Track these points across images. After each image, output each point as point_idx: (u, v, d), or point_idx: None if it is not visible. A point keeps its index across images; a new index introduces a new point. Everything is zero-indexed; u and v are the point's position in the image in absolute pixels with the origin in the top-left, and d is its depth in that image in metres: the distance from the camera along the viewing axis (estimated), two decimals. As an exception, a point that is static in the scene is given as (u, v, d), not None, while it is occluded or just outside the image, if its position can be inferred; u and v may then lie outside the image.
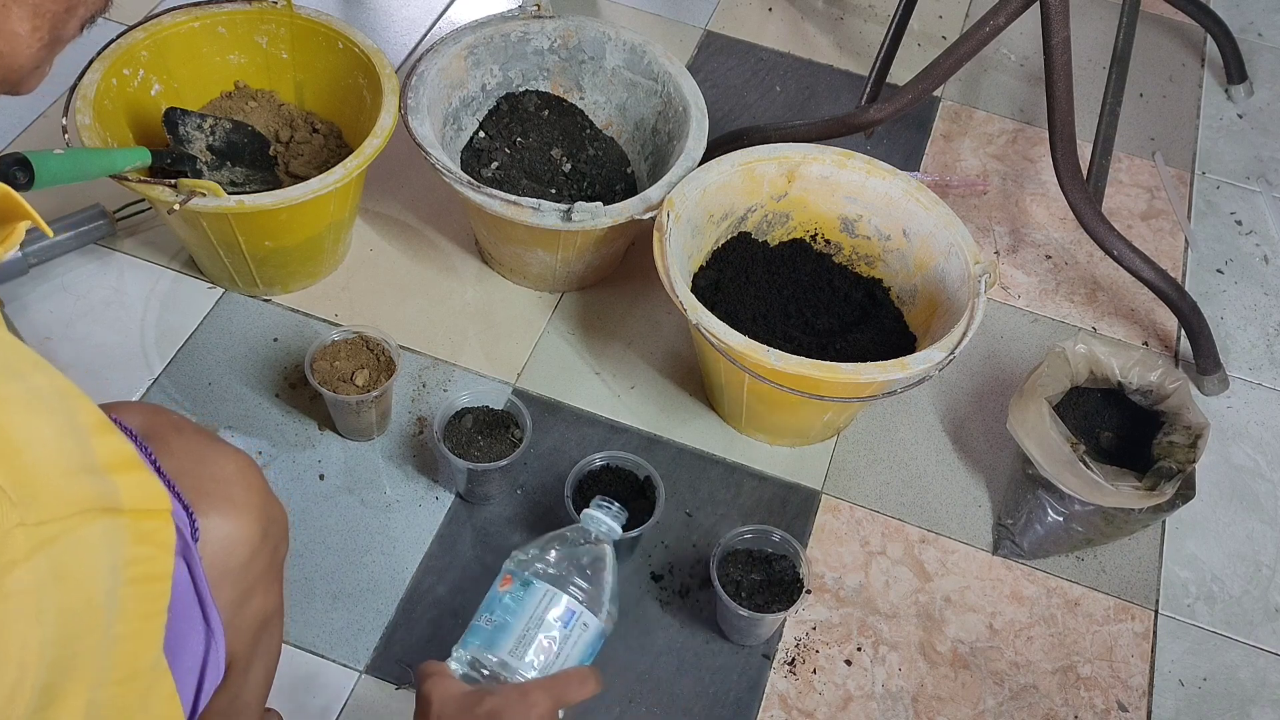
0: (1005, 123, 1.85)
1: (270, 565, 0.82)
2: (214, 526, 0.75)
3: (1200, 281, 1.67)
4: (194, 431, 0.81)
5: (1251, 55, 2.01)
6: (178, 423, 0.81)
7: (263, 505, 0.80)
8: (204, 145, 1.39)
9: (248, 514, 0.78)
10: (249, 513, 0.78)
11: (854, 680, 1.23)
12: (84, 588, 0.47)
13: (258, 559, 0.79)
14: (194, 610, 0.71)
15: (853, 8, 2.02)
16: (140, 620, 0.52)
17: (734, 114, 1.79)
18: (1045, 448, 1.25)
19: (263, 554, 0.80)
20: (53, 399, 0.50)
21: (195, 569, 0.72)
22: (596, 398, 1.42)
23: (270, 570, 0.83)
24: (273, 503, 0.82)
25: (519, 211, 1.31)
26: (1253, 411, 1.52)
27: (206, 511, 0.75)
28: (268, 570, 0.82)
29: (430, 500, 1.31)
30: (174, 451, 0.77)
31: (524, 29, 1.52)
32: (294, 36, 1.47)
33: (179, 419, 0.82)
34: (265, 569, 0.81)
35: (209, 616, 0.72)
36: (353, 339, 1.32)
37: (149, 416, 0.80)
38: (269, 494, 0.82)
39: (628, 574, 1.27)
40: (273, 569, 0.84)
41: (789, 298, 1.41)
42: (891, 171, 1.40)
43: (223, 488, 0.77)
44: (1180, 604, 1.33)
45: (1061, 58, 1.36)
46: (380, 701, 1.17)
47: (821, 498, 1.37)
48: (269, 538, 0.81)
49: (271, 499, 0.82)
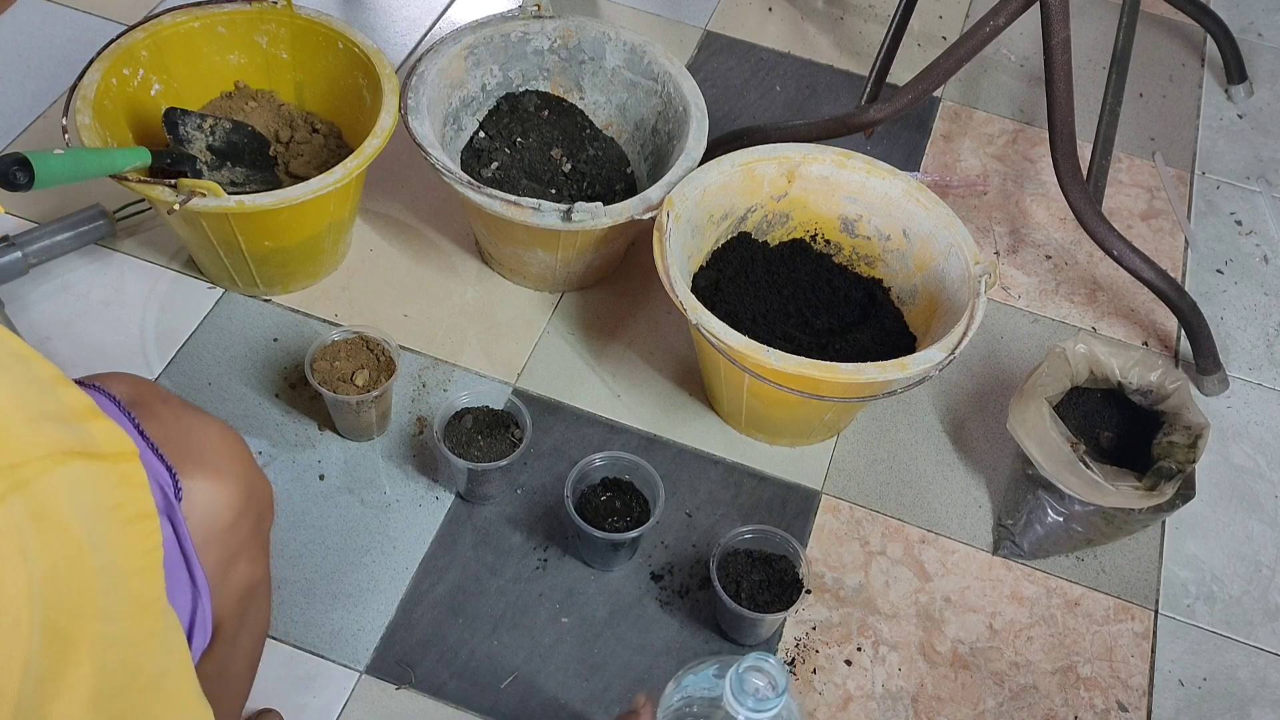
0: (1005, 123, 1.85)
1: (255, 533, 0.84)
2: (198, 489, 0.77)
3: (1200, 281, 1.67)
4: (179, 403, 0.82)
5: (1251, 55, 2.01)
6: (163, 394, 0.82)
7: (245, 473, 0.82)
8: (204, 145, 1.39)
9: (231, 479, 0.79)
10: (233, 478, 0.80)
11: (854, 680, 1.23)
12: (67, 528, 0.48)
13: (241, 524, 0.80)
14: (180, 569, 0.73)
15: (853, 8, 2.02)
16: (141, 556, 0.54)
17: (734, 114, 1.79)
18: (1045, 448, 1.26)
19: (247, 519, 0.81)
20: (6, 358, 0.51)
21: (180, 528, 0.73)
22: (596, 398, 1.42)
23: (255, 539, 0.84)
24: (255, 472, 0.84)
25: (519, 211, 1.31)
26: (1253, 411, 1.52)
27: (191, 474, 0.76)
28: (252, 538, 0.83)
29: (430, 500, 1.31)
30: (160, 418, 0.78)
31: (524, 29, 1.52)
32: (294, 36, 1.47)
33: (164, 391, 0.83)
34: (249, 535, 0.82)
35: (195, 575, 0.73)
36: (353, 339, 1.32)
37: (134, 386, 0.81)
38: (252, 463, 0.84)
39: (628, 574, 1.27)
40: (257, 538, 0.85)
41: (789, 298, 1.41)
42: (891, 171, 1.40)
43: (207, 454, 0.79)
44: (1180, 604, 1.33)
45: (1061, 58, 1.36)
46: (380, 701, 1.17)
47: (821, 498, 1.37)
48: (252, 504, 0.82)
49: (254, 468, 0.84)
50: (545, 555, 1.28)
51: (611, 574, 1.27)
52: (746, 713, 0.85)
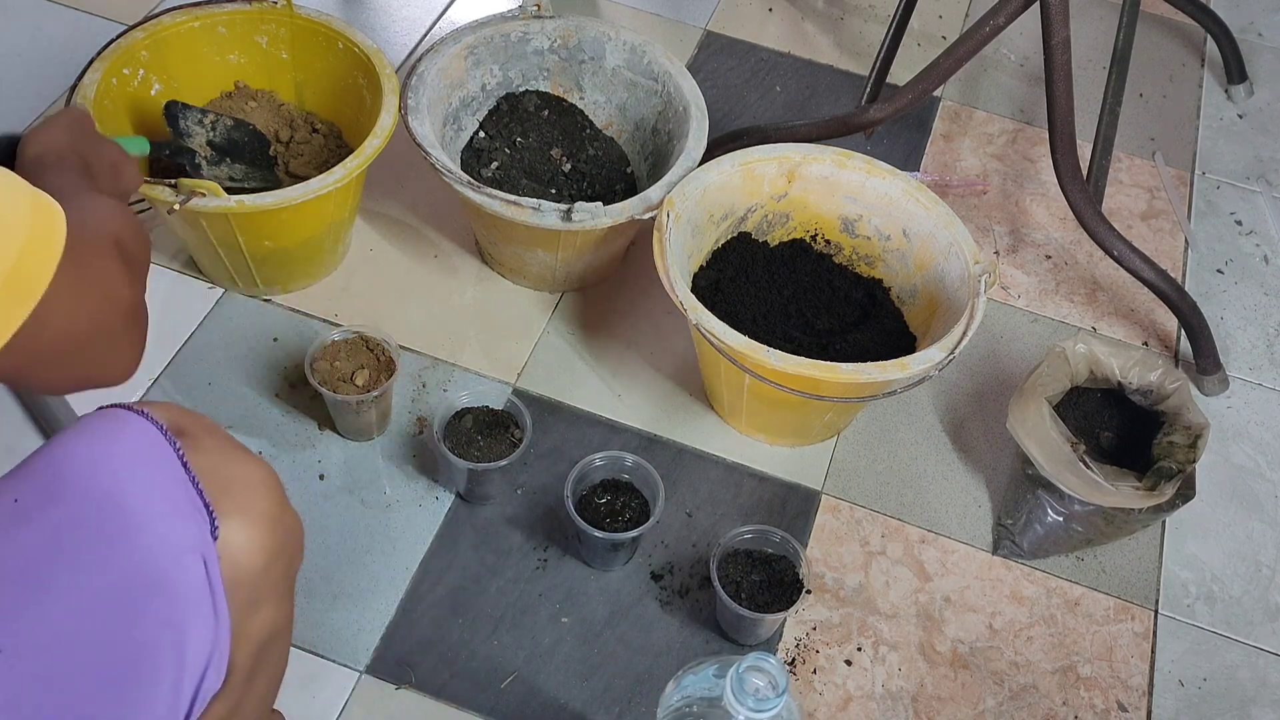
0: (1005, 123, 1.85)
1: (283, 578, 0.83)
2: (234, 530, 0.76)
3: (1200, 281, 1.67)
4: (223, 435, 0.82)
5: (1251, 55, 2.01)
6: (208, 425, 0.82)
7: (280, 516, 0.80)
8: (204, 140, 1.39)
9: (267, 523, 0.78)
10: (269, 522, 0.79)
11: (854, 680, 1.23)
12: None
13: (273, 567, 0.80)
14: (206, 606, 0.72)
15: (853, 8, 2.02)
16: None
17: (734, 114, 1.79)
18: (1045, 448, 1.26)
19: (278, 564, 0.80)
20: None
21: (211, 567, 0.72)
22: (596, 398, 1.42)
23: (283, 583, 0.83)
24: (290, 514, 0.83)
25: (519, 211, 1.31)
26: (1253, 411, 1.52)
27: (228, 514, 0.76)
28: (280, 582, 0.82)
29: (430, 500, 1.31)
30: (204, 449, 0.78)
31: (524, 29, 1.52)
32: (294, 36, 1.47)
33: (209, 421, 0.83)
34: (278, 581, 0.82)
35: (219, 614, 0.73)
36: (353, 339, 1.32)
37: (180, 415, 0.81)
38: (287, 505, 0.83)
39: (628, 574, 1.27)
40: (285, 582, 0.84)
41: (789, 298, 1.41)
42: (891, 171, 1.40)
43: (245, 491, 0.78)
44: (1180, 604, 1.33)
45: (1061, 58, 1.36)
46: (380, 701, 1.17)
47: (821, 498, 1.37)
48: (285, 549, 0.81)
49: (289, 510, 0.83)
50: (545, 555, 1.28)
51: (611, 574, 1.27)
52: (746, 713, 0.85)
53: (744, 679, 0.85)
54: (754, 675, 0.85)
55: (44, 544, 0.69)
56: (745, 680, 0.85)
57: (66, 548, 0.69)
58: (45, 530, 0.69)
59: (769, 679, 0.85)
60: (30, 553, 0.68)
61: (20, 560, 0.68)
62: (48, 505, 0.70)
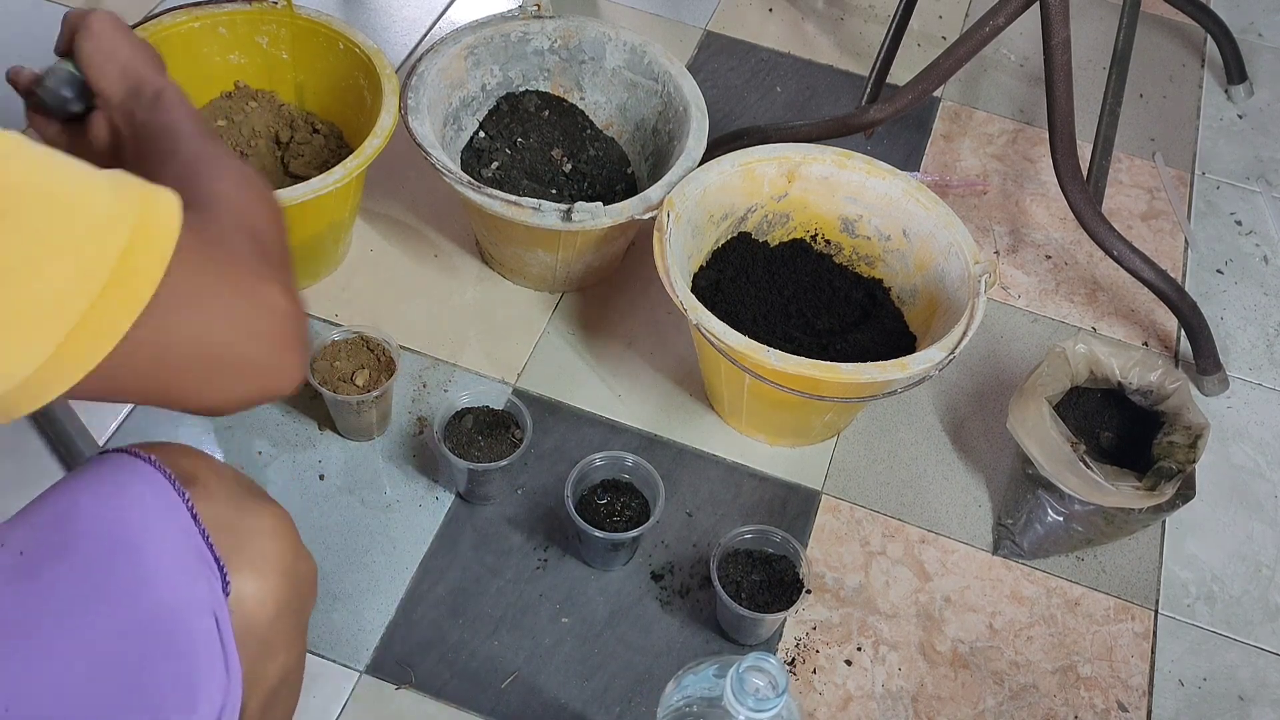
0: (1005, 123, 1.85)
1: (296, 624, 0.82)
2: (245, 585, 0.74)
3: (1200, 281, 1.67)
4: (233, 479, 0.80)
5: (1251, 55, 2.01)
6: (219, 469, 0.80)
7: (294, 565, 0.79)
8: None
9: (279, 575, 0.77)
10: (281, 574, 0.77)
11: (854, 680, 1.23)
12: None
13: (285, 616, 0.79)
14: (217, 662, 0.70)
15: (853, 8, 2.02)
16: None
17: (734, 114, 1.79)
18: (1045, 448, 1.26)
19: (290, 612, 0.79)
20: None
21: (223, 623, 0.71)
22: (596, 398, 1.42)
23: (296, 628, 0.82)
24: (304, 560, 0.82)
25: (519, 211, 1.32)
26: (1253, 411, 1.52)
27: (239, 569, 0.74)
28: (293, 628, 0.81)
29: (430, 500, 1.31)
30: (214, 498, 0.76)
31: (524, 29, 1.52)
32: (294, 37, 1.47)
33: (219, 465, 0.81)
34: (290, 628, 0.81)
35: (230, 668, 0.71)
36: (353, 339, 1.32)
37: (190, 459, 0.78)
38: (300, 549, 0.81)
39: (628, 574, 1.27)
40: (298, 628, 0.83)
41: (789, 298, 1.41)
42: (891, 171, 1.40)
43: (257, 542, 0.76)
44: (1180, 604, 1.33)
45: (1061, 58, 1.36)
46: (380, 701, 1.17)
47: (821, 498, 1.37)
48: (296, 597, 0.80)
49: (303, 555, 0.82)
50: (545, 555, 1.28)
51: (612, 574, 1.27)
52: (746, 713, 0.85)
53: (744, 679, 0.85)
54: (754, 675, 0.85)
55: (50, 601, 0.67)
56: (745, 680, 0.85)
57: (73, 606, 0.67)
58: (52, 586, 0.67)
59: (769, 679, 0.85)
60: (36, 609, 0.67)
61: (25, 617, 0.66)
62: (54, 561, 0.68)
